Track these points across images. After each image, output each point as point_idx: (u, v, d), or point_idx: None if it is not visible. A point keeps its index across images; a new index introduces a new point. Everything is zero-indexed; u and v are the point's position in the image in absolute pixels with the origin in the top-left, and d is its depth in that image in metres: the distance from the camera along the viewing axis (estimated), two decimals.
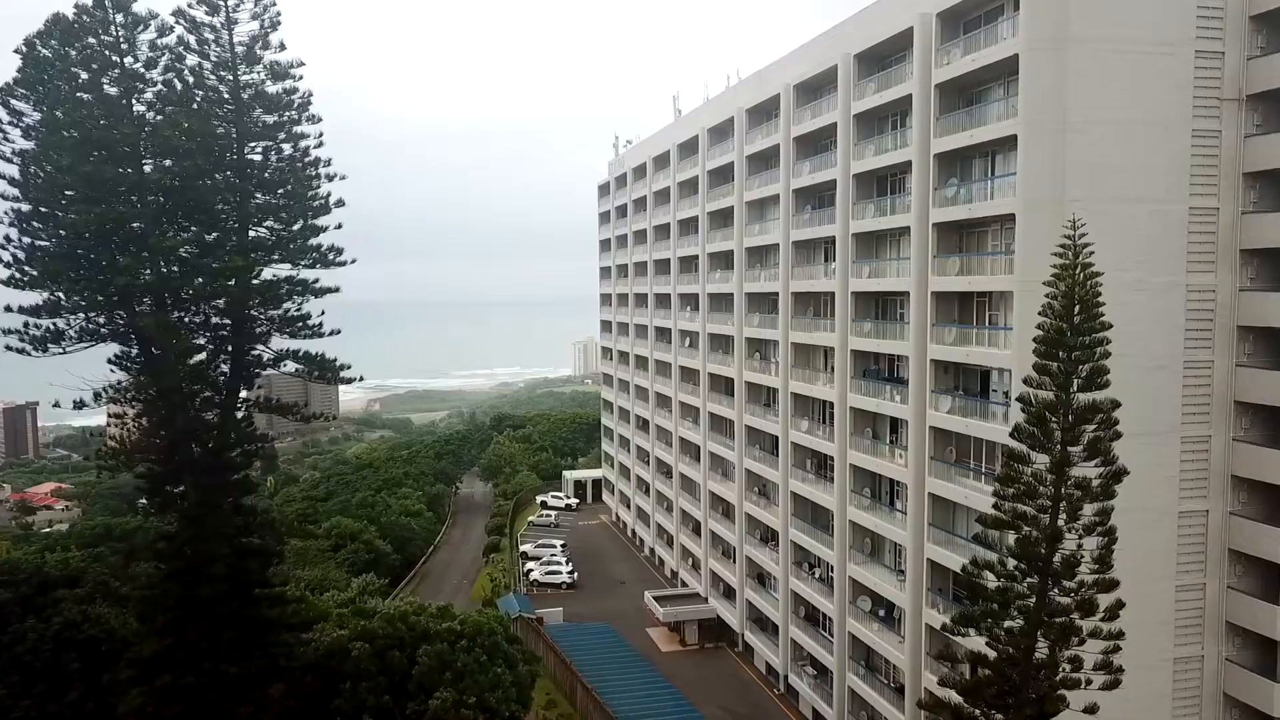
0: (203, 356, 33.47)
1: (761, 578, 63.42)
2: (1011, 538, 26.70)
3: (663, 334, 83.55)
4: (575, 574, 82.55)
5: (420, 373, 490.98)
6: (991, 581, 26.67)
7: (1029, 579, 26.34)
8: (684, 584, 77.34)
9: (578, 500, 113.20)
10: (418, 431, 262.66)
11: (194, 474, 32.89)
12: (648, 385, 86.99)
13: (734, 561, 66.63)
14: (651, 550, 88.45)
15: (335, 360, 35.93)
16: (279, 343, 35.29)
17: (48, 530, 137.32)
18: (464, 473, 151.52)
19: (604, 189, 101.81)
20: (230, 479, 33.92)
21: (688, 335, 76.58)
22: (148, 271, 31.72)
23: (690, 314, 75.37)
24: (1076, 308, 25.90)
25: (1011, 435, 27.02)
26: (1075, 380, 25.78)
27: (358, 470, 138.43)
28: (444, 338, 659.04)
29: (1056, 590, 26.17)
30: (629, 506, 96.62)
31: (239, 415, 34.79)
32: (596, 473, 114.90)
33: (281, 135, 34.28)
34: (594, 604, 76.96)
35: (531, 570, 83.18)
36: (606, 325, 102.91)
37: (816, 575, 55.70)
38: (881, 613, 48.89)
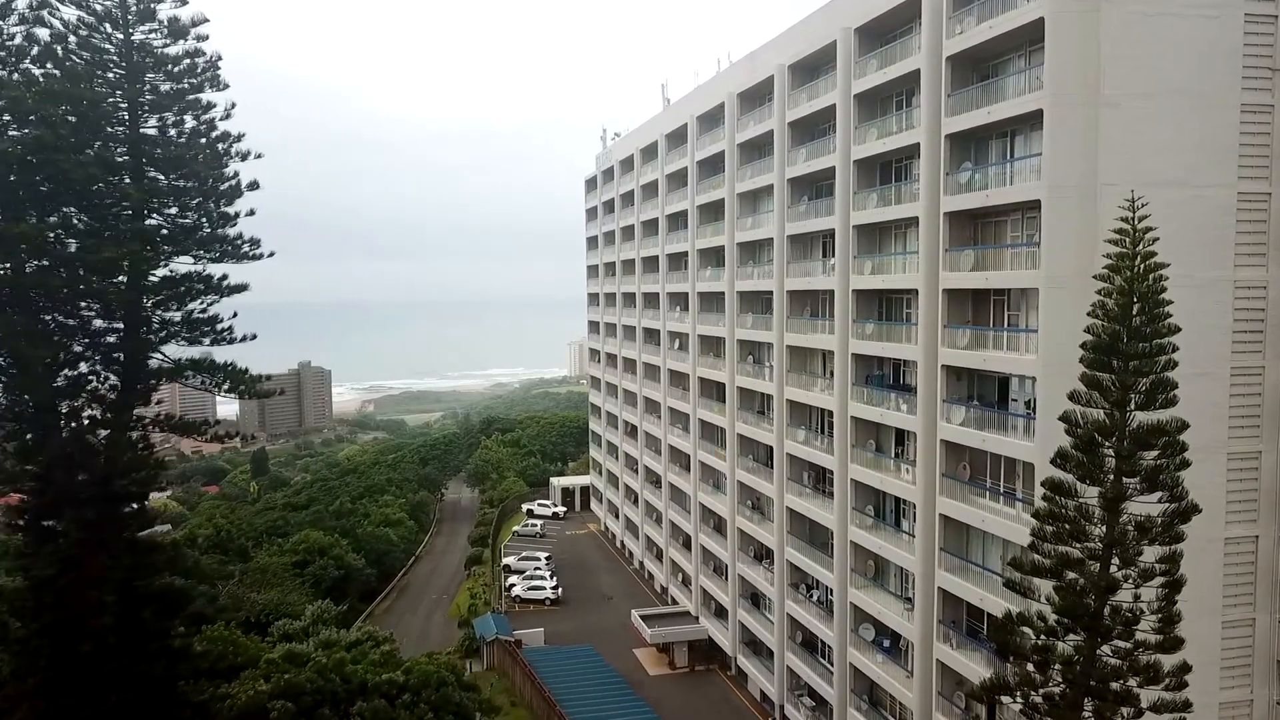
0: (83, 367, 28.75)
1: (755, 598, 58.98)
2: (1052, 585, 22.11)
3: (651, 335, 79.15)
4: (560, 589, 78.16)
5: (415, 373, 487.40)
6: (1029, 638, 22.12)
7: (1074, 635, 21.80)
8: (673, 601, 72.92)
9: (565, 508, 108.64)
10: (411, 433, 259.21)
11: (75, 506, 28.21)
12: (636, 389, 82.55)
13: (726, 579, 62.23)
14: (640, 563, 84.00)
15: (247, 371, 31.14)
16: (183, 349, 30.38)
17: None
18: (450, 478, 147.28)
19: (591, 183, 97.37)
20: (120, 511, 29.20)
21: (677, 337, 72.16)
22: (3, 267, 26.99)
23: (680, 314, 70.94)
24: (1136, 307, 21.32)
25: (1054, 462, 22.42)
26: (1133, 396, 21.21)
27: (341, 476, 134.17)
28: (440, 338, 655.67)
29: (1109, 650, 21.61)
30: (617, 516, 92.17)
31: (133, 435, 30.05)
32: (585, 479, 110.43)
33: (181, 105, 29.58)
34: (579, 621, 72.70)
35: (514, 585, 78.88)
36: (594, 326, 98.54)
37: (814, 598, 51.25)
38: (886, 643, 44.46)
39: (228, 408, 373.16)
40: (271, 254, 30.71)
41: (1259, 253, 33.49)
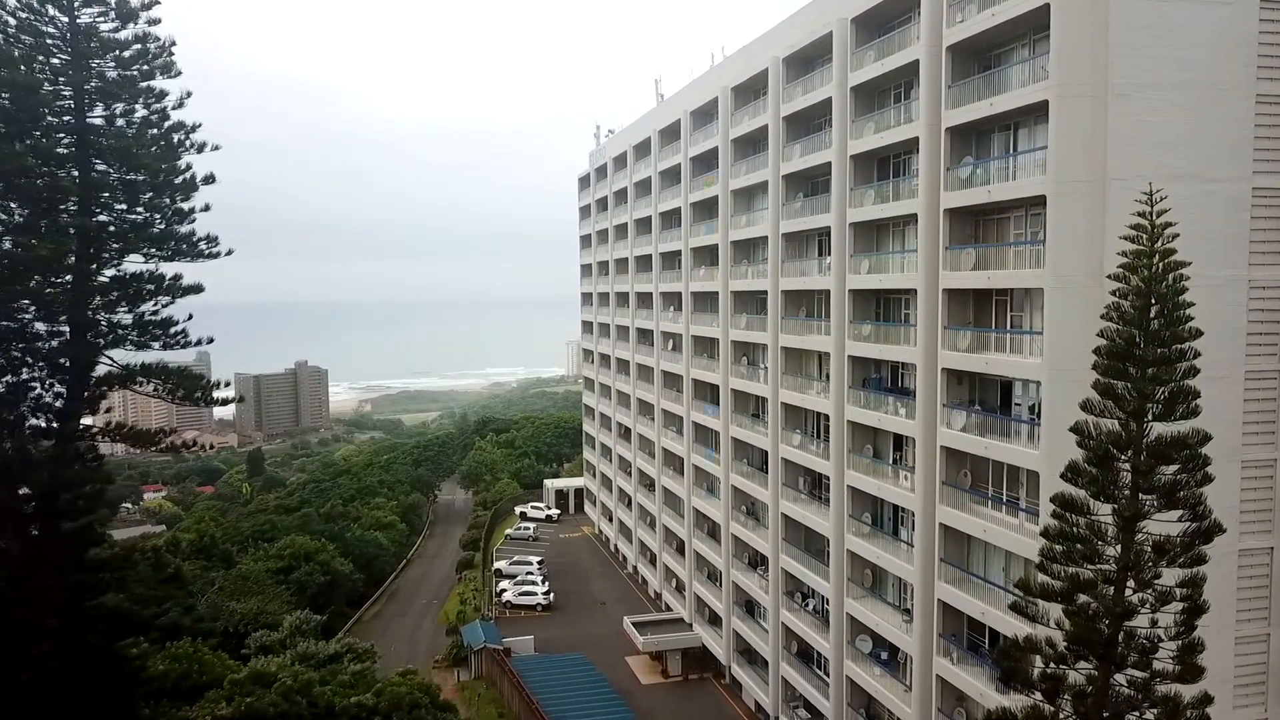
0: (24, 374, 26.98)
1: (750, 606, 57.43)
2: (1062, 608, 20.50)
3: (644, 336, 77.57)
4: (551, 595, 76.56)
5: (414, 373, 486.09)
6: (1037, 665, 20.53)
7: (1085, 663, 20.21)
8: (667, 607, 71.38)
9: (559, 511, 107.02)
10: (407, 433, 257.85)
11: (16, 523, 26.52)
12: (629, 391, 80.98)
13: (720, 586, 60.67)
14: (634, 568, 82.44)
15: (203, 377, 29.43)
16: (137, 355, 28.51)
17: None
18: (444, 479, 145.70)
19: (584, 181, 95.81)
20: (65, 529, 27.48)
21: (670, 338, 70.57)
22: None
23: (673, 314, 69.38)
24: (1154, 309, 19.70)
25: (1065, 477, 20.79)
26: (1151, 406, 19.59)
27: (334, 477, 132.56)
28: (439, 337, 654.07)
29: (1123, 680, 20.02)
30: (611, 520, 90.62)
31: (80, 446, 28.34)
32: (580, 482, 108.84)
33: (131, 93, 27.84)
34: (570, 628, 71.11)
35: (505, 590, 77.28)
36: (587, 326, 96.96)
37: (810, 608, 49.71)
38: (884, 656, 42.93)
39: (222, 408, 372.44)
40: (229, 252, 29.10)
41: (1275, 250, 31.95)
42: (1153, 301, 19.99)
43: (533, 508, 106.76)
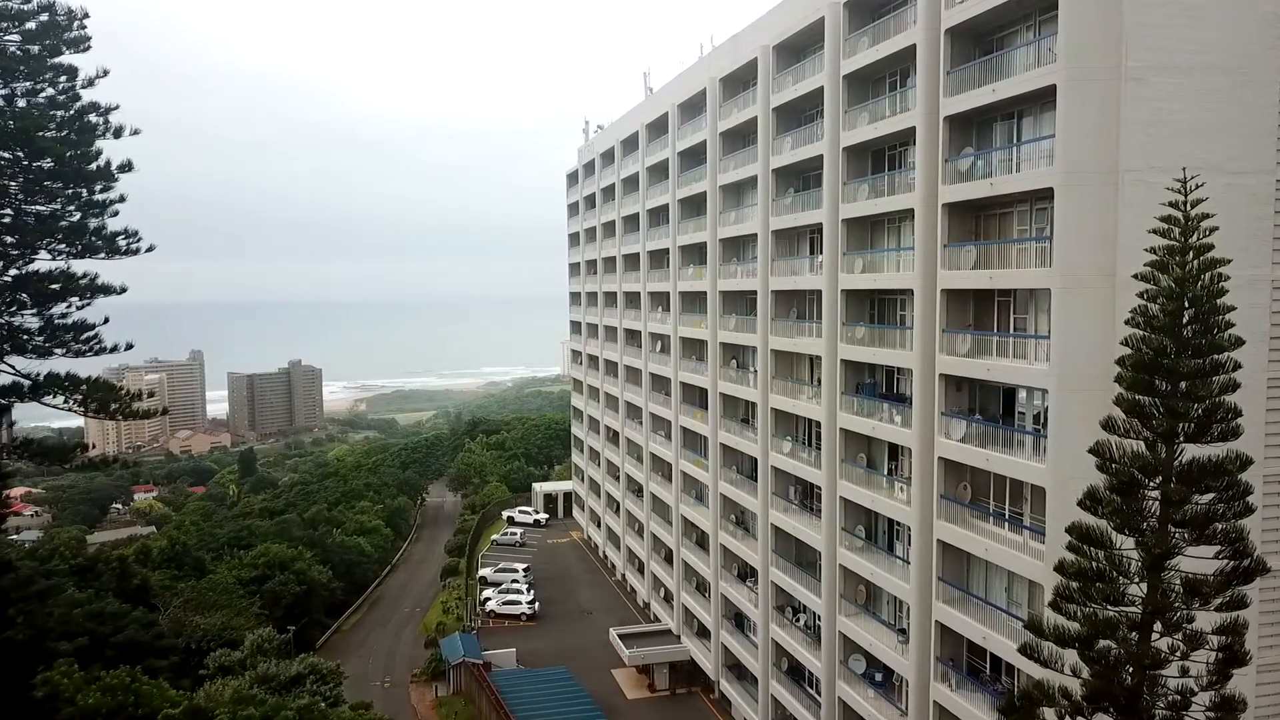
0: None
1: (739, 619, 55.06)
2: (1079, 653, 18.08)
3: (632, 336, 75.15)
4: (536, 604, 74.16)
5: (409, 372, 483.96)
6: (1048, 717, 18.12)
7: (1104, 714, 17.77)
8: (655, 618, 69.03)
9: (547, 515, 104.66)
10: (402, 432, 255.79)
11: None
12: (617, 393, 78.53)
13: (709, 598, 58.31)
14: (623, 576, 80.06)
15: (120, 388, 26.90)
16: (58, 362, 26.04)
17: (15, 537, 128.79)
18: (433, 481, 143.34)
19: (572, 178, 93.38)
20: None
21: (658, 339, 68.13)
22: None
23: (661, 315, 66.94)
24: (1188, 313, 17.25)
25: (1083, 505, 18.32)
26: (1183, 425, 17.13)
27: (321, 480, 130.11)
28: (436, 336, 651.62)
29: None
30: (599, 526, 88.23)
31: None
32: (569, 485, 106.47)
33: (36, 69, 25.21)
34: (556, 638, 68.78)
35: (489, 599, 74.87)
36: (575, 326, 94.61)
37: (801, 623, 47.32)
38: (878, 677, 40.55)
39: (218, 406, 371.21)
40: (151, 248, 26.56)
41: None
42: (1186, 305, 17.50)
43: (520, 512, 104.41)
